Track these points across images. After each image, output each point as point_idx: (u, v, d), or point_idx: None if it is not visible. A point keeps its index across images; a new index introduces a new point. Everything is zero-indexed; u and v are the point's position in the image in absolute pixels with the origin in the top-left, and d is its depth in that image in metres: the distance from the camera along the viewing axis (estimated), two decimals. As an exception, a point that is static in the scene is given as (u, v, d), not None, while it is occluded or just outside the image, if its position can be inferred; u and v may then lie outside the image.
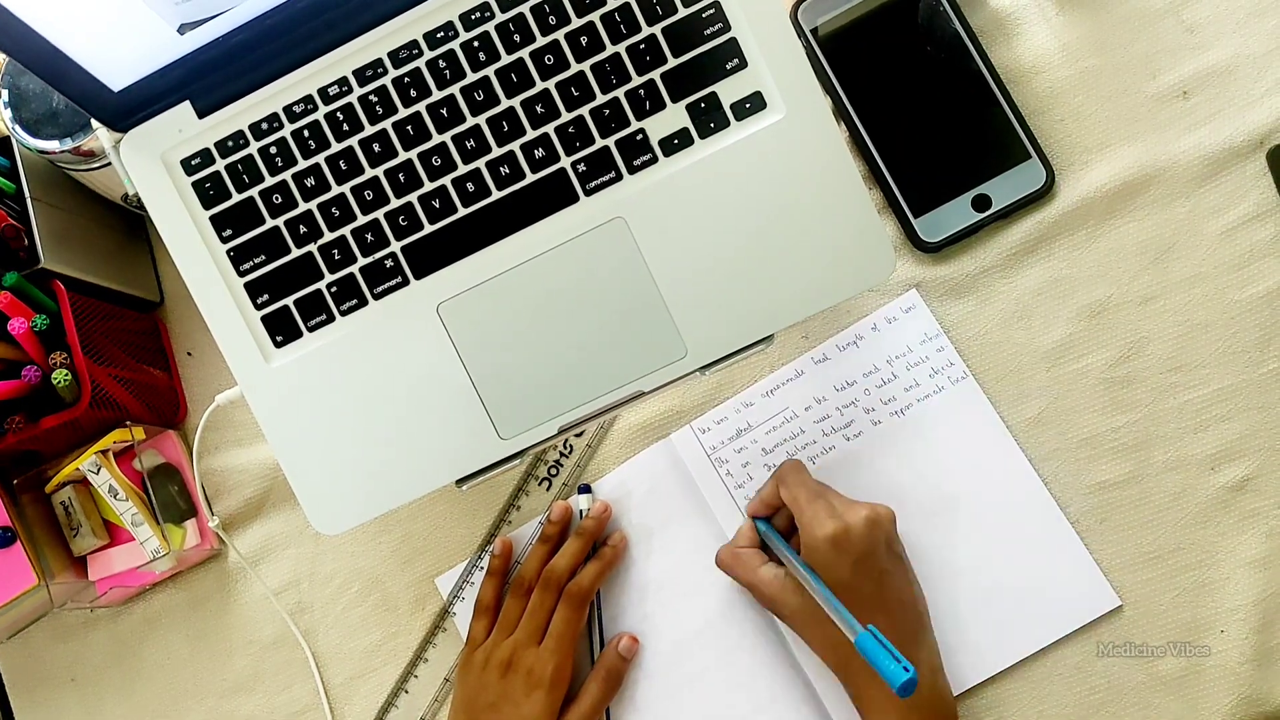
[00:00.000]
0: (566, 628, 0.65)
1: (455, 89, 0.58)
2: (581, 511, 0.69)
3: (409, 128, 0.58)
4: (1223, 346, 0.65)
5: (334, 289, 0.59)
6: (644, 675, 0.67)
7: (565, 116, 0.58)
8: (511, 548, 0.69)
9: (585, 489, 0.70)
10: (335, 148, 0.59)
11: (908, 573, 0.62)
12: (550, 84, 0.58)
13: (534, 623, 0.65)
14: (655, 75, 0.57)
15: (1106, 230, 0.67)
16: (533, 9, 0.57)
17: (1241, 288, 0.66)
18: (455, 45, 0.58)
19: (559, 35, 0.57)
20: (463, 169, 0.58)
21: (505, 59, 0.57)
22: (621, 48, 0.57)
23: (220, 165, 0.59)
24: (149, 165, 0.59)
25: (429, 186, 0.58)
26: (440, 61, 0.58)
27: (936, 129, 0.69)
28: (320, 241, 0.59)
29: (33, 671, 0.75)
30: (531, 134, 0.58)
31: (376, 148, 0.58)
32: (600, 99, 0.58)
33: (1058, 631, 0.64)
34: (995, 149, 0.68)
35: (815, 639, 0.61)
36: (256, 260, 0.59)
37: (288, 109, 0.59)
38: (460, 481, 0.59)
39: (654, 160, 0.58)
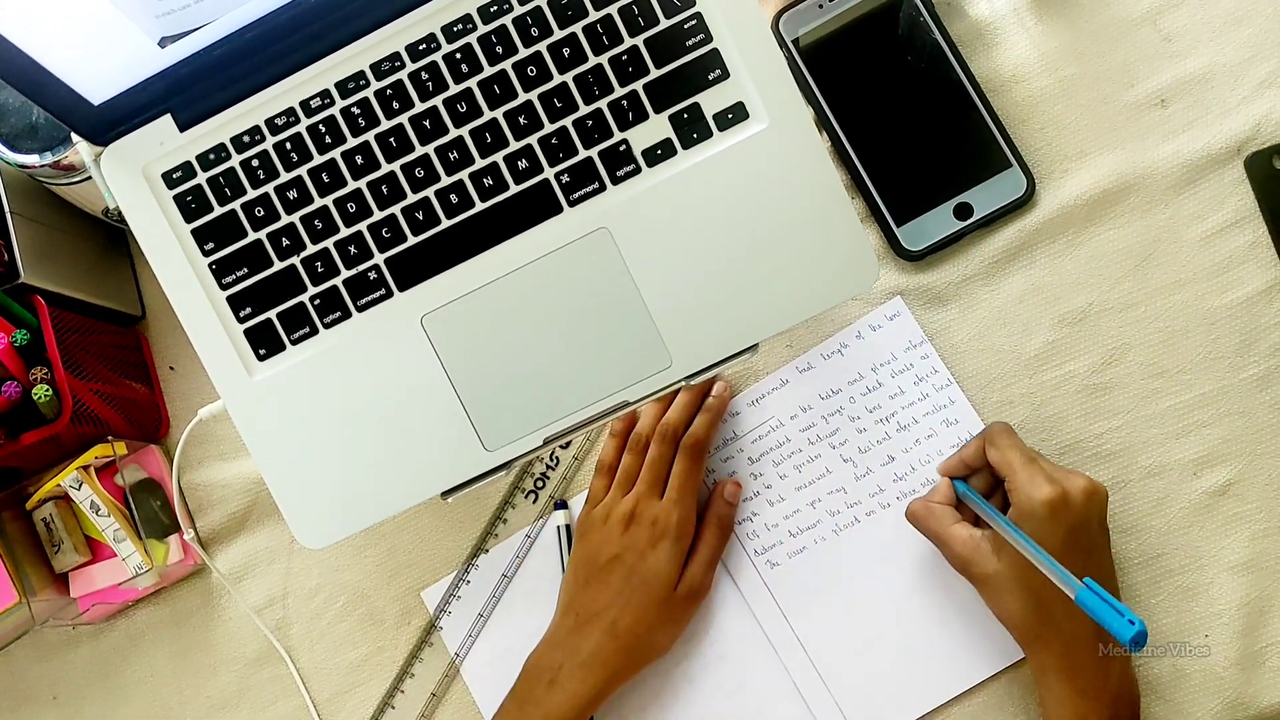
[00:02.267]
0: (687, 478, 0.66)
1: (438, 101, 0.58)
2: (566, 527, 0.69)
3: (391, 140, 0.58)
4: (1203, 352, 0.66)
5: (317, 301, 0.59)
6: (635, 683, 0.67)
7: (548, 128, 0.58)
8: (635, 415, 0.69)
9: (562, 505, 0.70)
10: (318, 160, 0.58)
11: (1110, 553, 0.61)
12: (533, 95, 0.58)
13: (654, 474, 0.66)
14: (638, 86, 0.57)
15: (1087, 238, 0.68)
16: (515, 20, 0.57)
17: (1221, 294, 0.66)
18: (438, 57, 0.58)
19: (541, 47, 0.57)
20: (446, 180, 0.58)
21: (488, 70, 0.57)
22: (604, 59, 0.57)
23: (202, 178, 0.59)
24: (130, 179, 0.59)
25: (412, 198, 0.58)
26: (423, 73, 0.58)
27: (918, 138, 0.69)
28: (303, 254, 0.59)
29: (14, 690, 0.74)
30: (514, 145, 0.58)
31: (359, 160, 0.58)
32: (583, 110, 0.58)
33: (1044, 638, 0.64)
34: (976, 158, 0.68)
35: (1008, 604, 0.59)
36: (239, 273, 0.59)
37: (270, 121, 0.58)
38: (446, 494, 0.59)
39: (637, 171, 0.58)
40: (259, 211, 0.59)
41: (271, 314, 0.59)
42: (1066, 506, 0.58)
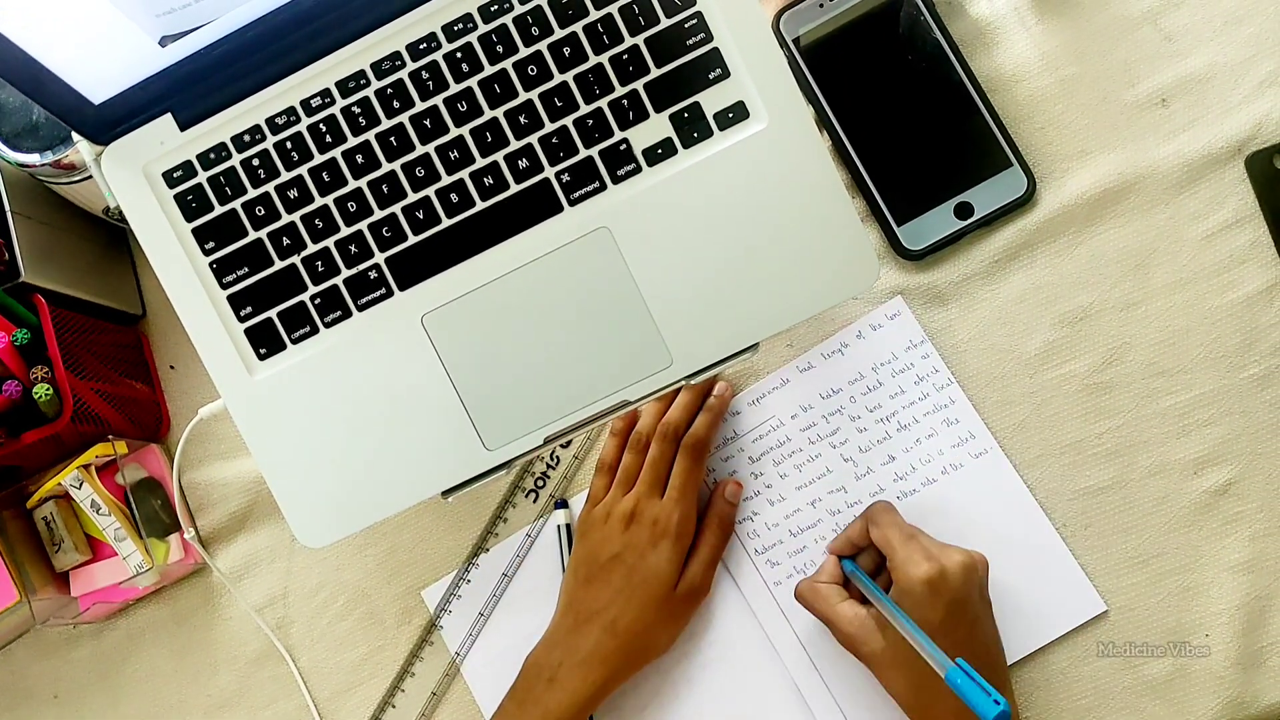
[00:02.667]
0: (688, 477, 0.66)
1: (438, 100, 0.58)
2: (566, 526, 0.69)
3: (392, 139, 0.58)
4: (1204, 352, 0.66)
5: (317, 301, 0.59)
6: (634, 683, 0.67)
7: (549, 127, 0.58)
8: (636, 414, 0.69)
9: (562, 504, 0.70)
10: (318, 159, 0.58)
11: (994, 621, 0.61)
12: (534, 94, 0.58)
13: (654, 474, 0.66)
14: (638, 85, 0.57)
15: (1088, 237, 0.68)
16: (515, 20, 0.57)
17: (1222, 293, 0.66)
18: (438, 56, 0.58)
19: (542, 46, 0.57)
20: (446, 180, 0.58)
21: (488, 70, 0.57)
22: (604, 58, 0.57)
23: (202, 178, 0.59)
24: (130, 178, 0.59)
25: (412, 197, 0.58)
26: (423, 72, 0.58)
27: (918, 138, 0.69)
28: (303, 253, 0.59)
29: (15, 689, 0.74)
30: (515, 144, 0.58)
31: (360, 159, 0.58)
32: (584, 109, 0.58)
33: (1044, 637, 0.64)
34: (977, 157, 0.68)
35: (895, 681, 0.60)
36: (239, 273, 0.59)
37: (270, 121, 0.58)
38: (446, 493, 0.59)
39: (637, 170, 0.58)
40: (259, 211, 0.59)
41: (272, 313, 0.59)
42: (945, 582, 0.58)
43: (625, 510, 0.65)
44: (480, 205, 0.58)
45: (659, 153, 0.58)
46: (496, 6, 0.57)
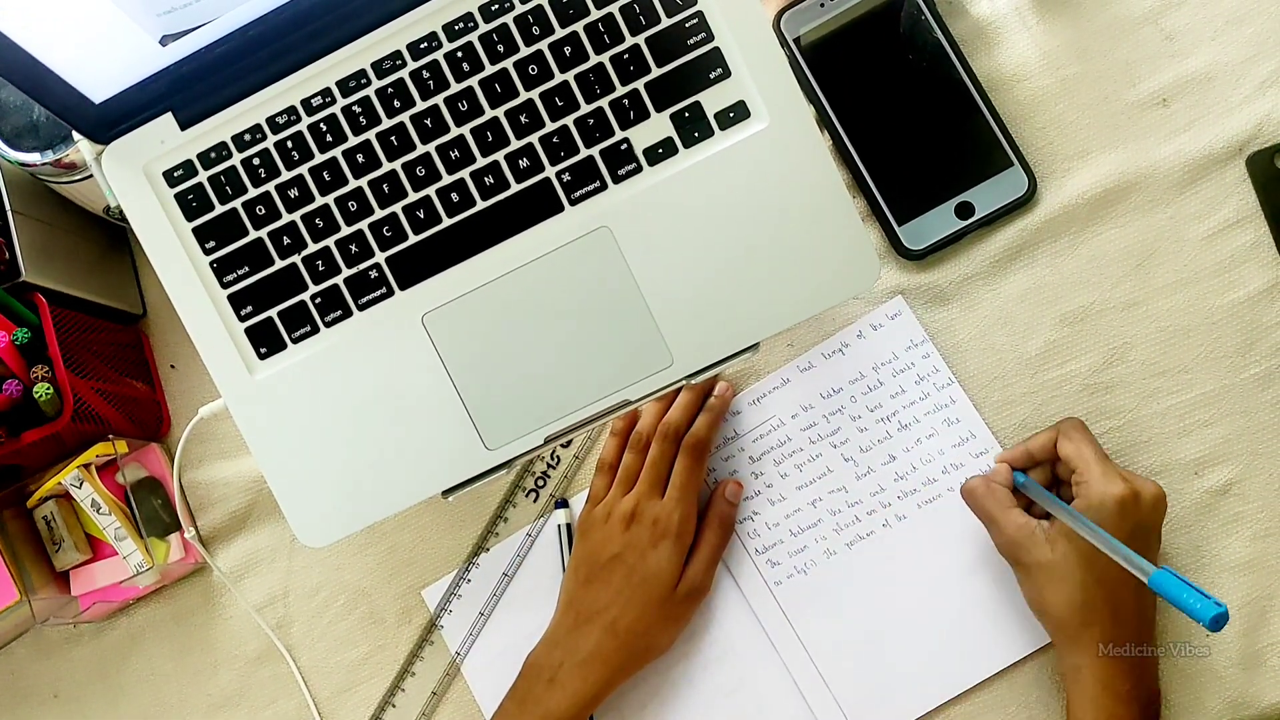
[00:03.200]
0: (689, 477, 0.66)
1: (439, 99, 0.58)
2: (566, 526, 0.69)
3: (393, 138, 0.58)
4: (1205, 351, 0.66)
5: (318, 300, 0.59)
6: (634, 683, 0.67)
7: (549, 126, 0.58)
8: (637, 414, 0.69)
9: (563, 503, 0.70)
10: (319, 159, 0.58)
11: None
12: (534, 94, 0.58)
13: (655, 474, 0.66)
14: (639, 85, 0.57)
15: (1088, 237, 0.68)
16: (516, 19, 0.57)
17: (1223, 293, 0.66)
18: (439, 55, 0.58)
19: (543, 45, 0.57)
20: (447, 179, 0.58)
21: (489, 69, 0.57)
22: (605, 57, 0.57)
23: (203, 177, 0.59)
24: (131, 177, 0.59)
25: (413, 197, 0.58)
26: (424, 72, 0.58)
27: (919, 137, 0.69)
28: (304, 253, 0.59)
29: (15, 688, 0.74)
30: (516, 144, 0.58)
31: (360, 158, 0.58)
32: (584, 109, 0.58)
33: (1045, 636, 0.64)
34: (977, 157, 0.68)
35: (1053, 597, 0.59)
36: (240, 272, 0.59)
37: (271, 120, 0.58)
38: (446, 492, 0.59)
39: (638, 170, 0.58)
40: (260, 210, 0.59)
41: (272, 312, 0.59)
42: (1137, 506, 0.58)
43: (626, 510, 0.65)
44: (481, 205, 0.58)
45: (660, 152, 0.58)
46: (497, 6, 0.57)
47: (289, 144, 0.58)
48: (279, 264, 0.59)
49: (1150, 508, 0.59)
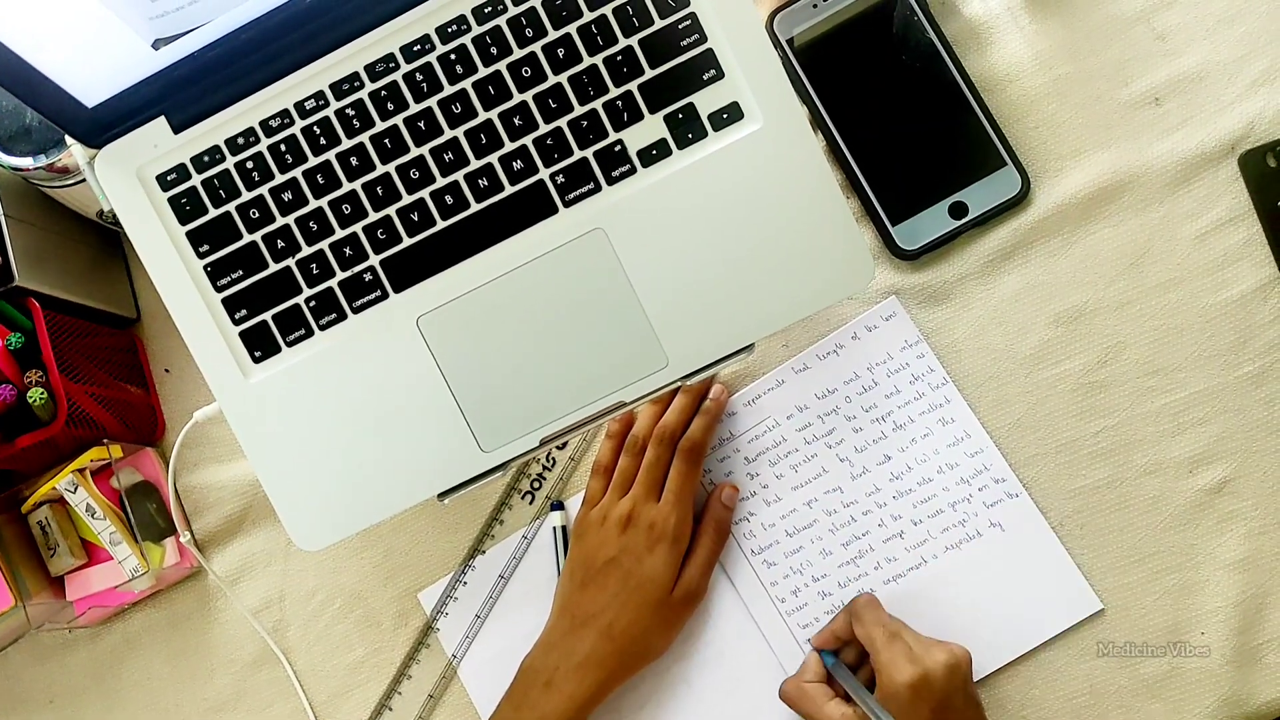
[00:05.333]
0: (685, 481, 0.66)
1: (432, 102, 0.58)
2: (562, 529, 0.69)
3: (386, 141, 0.58)
4: (1198, 350, 0.66)
5: (312, 303, 0.59)
6: (631, 684, 0.67)
7: (543, 128, 0.58)
8: (632, 416, 0.69)
9: (558, 506, 0.70)
10: (312, 162, 0.58)
11: (982, 715, 0.61)
12: (528, 96, 0.58)
13: (651, 477, 0.66)
14: (633, 86, 0.57)
15: (1082, 236, 0.68)
16: (509, 21, 0.57)
17: (1216, 291, 0.66)
18: (432, 58, 0.58)
19: (536, 47, 0.57)
20: (441, 182, 0.58)
21: (482, 71, 0.57)
22: (599, 59, 0.57)
23: (196, 180, 0.59)
24: (124, 181, 0.59)
25: (407, 199, 0.58)
26: (417, 74, 0.58)
27: (913, 137, 0.69)
28: (298, 256, 0.59)
29: (10, 694, 0.74)
30: (510, 146, 0.58)
31: (354, 161, 0.58)
32: (578, 110, 0.58)
33: (1040, 636, 0.64)
34: (971, 157, 0.68)
35: None
36: (234, 275, 0.59)
37: (264, 123, 0.58)
38: (442, 495, 0.59)
39: (632, 171, 0.58)
40: (254, 213, 0.59)
41: (267, 316, 0.59)
42: (929, 686, 0.58)
43: (622, 513, 0.65)
44: (475, 207, 0.58)
45: (653, 154, 0.58)
46: (490, 8, 0.57)
47: (282, 147, 0.58)
48: (273, 267, 0.59)
49: (945, 681, 0.58)
